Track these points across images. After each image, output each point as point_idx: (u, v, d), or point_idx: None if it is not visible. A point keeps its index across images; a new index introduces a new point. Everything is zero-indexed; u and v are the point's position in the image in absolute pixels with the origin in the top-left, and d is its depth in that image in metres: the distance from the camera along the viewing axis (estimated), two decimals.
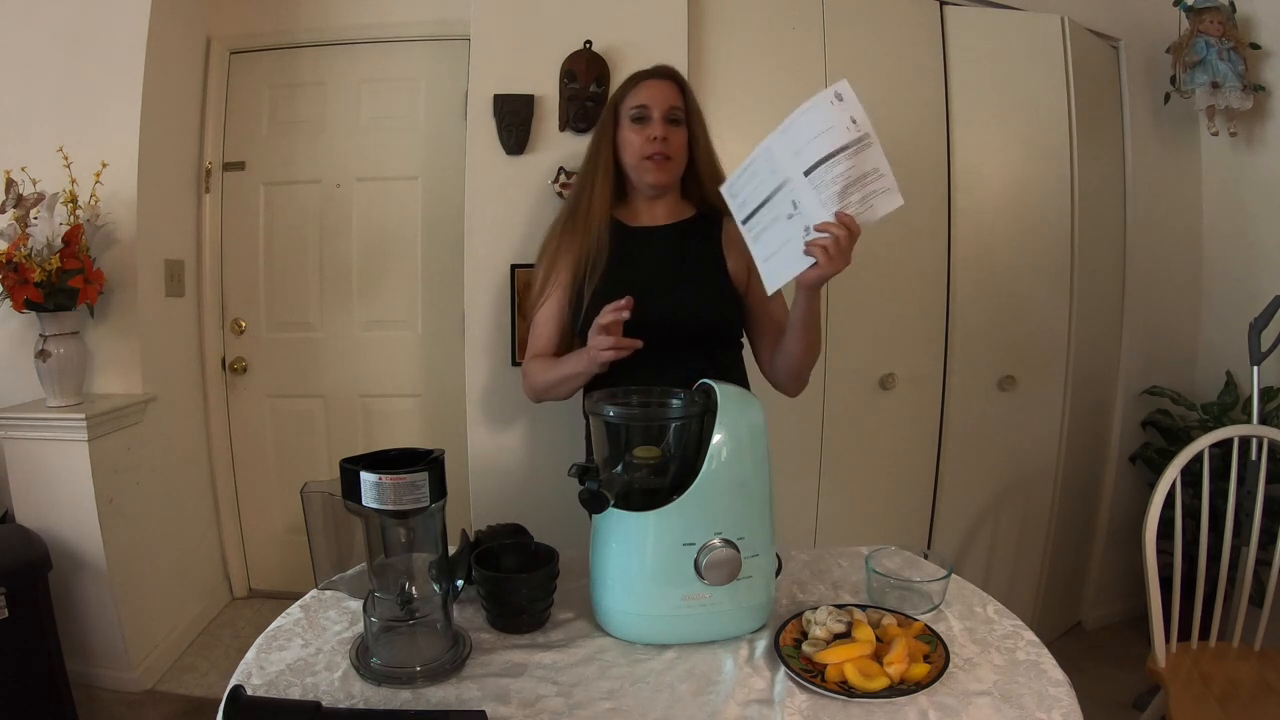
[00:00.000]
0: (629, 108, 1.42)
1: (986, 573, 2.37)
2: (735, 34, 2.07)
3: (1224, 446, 1.69)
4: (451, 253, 2.37)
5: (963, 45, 2.22)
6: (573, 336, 1.48)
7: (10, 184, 2.02)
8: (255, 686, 0.89)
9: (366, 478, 0.90)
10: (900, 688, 0.86)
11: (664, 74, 1.44)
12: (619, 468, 1.03)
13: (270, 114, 2.60)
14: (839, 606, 1.01)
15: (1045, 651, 0.96)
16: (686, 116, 1.43)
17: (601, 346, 1.21)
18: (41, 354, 2.03)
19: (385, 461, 0.92)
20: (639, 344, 1.22)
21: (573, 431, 1.93)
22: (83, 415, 2.00)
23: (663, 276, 1.41)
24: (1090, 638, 2.58)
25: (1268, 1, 2.32)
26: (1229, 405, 2.41)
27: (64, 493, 2.03)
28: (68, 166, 2.00)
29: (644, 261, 1.42)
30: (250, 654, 0.97)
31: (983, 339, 2.29)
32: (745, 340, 1.52)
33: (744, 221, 1.18)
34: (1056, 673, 0.91)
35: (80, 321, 2.11)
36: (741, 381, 1.47)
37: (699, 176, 1.47)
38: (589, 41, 1.95)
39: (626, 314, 1.21)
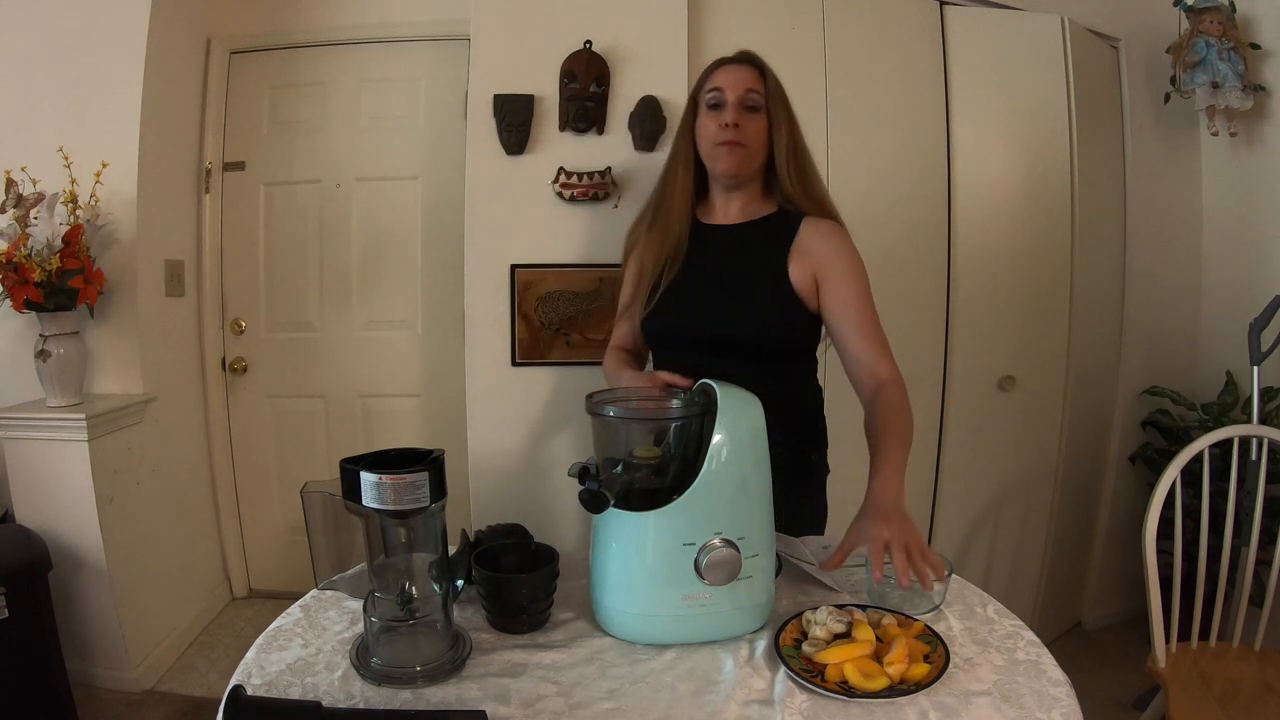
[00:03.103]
0: (705, 93, 1.33)
1: (986, 573, 2.37)
2: (735, 34, 2.07)
3: (1224, 446, 1.69)
4: (451, 253, 2.36)
5: (963, 45, 2.21)
6: None
7: (10, 184, 2.02)
8: (255, 686, 0.89)
9: (366, 478, 0.90)
10: (900, 688, 0.86)
11: (743, 58, 1.34)
12: (619, 468, 1.03)
13: (270, 114, 2.60)
14: (839, 606, 1.01)
15: (1045, 651, 0.96)
16: (766, 102, 1.31)
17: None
18: (41, 354, 2.03)
19: (385, 461, 0.92)
20: None
21: (572, 431, 1.94)
22: (83, 415, 2.00)
23: (713, 282, 1.34)
24: (1090, 638, 2.58)
25: (1268, 1, 2.32)
26: (1229, 405, 2.41)
27: (64, 493, 2.03)
28: (68, 166, 2.00)
29: (703, 264, 1.35)
30: (250, 654, 0.97)
31: (983, 339, 2.29)
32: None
33: None
34: (1056, 673, 0.91)
35: (80, 321, 2.11)
36: (802, 397, 1.40)
37: (778, 168, 1.34)
38: (589, 41, 1.95)
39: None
